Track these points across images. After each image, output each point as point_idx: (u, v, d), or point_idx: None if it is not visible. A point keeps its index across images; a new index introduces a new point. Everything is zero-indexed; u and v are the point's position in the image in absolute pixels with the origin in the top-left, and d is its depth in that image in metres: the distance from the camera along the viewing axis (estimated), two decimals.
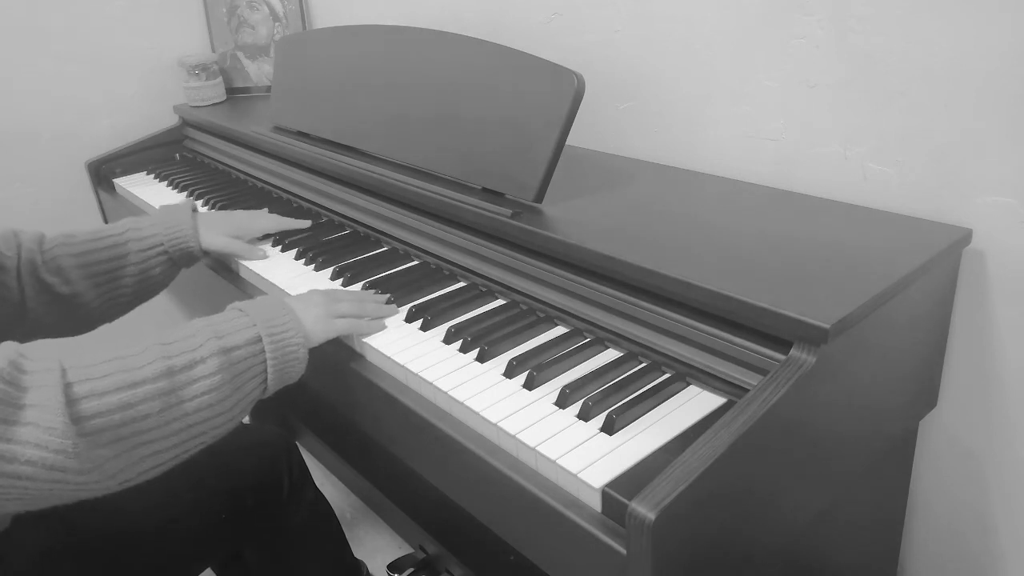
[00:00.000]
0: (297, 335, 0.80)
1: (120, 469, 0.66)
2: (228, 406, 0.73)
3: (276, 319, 0.80)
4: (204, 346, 0.73)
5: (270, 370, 0.78)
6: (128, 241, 1.04)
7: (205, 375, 0.71)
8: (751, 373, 0.74)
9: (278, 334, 0.79)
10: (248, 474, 1.03)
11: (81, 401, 0.64)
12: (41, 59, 1.66)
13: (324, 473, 1.76)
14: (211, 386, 0.71)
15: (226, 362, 0.73)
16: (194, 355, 0.72)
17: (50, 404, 0.62)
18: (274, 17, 1.81)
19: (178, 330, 0.74)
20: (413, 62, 1.16)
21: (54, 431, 0.61)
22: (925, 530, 1.08)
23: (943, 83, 0.87)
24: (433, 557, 1.38)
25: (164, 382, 0.69)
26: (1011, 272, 0.87)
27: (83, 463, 0.63)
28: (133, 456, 0.67)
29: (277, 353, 0.78)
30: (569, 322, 0.91)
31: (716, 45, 1.07)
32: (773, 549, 0.76)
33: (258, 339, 0.77)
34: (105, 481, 0.66)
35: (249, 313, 0.79)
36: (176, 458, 0.71)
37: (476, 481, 0.77)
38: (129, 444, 0.66)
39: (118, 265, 1.03)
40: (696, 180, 1.08)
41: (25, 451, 0.60)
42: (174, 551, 0.95)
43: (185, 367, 0.71)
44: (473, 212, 1.01)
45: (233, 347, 0.75)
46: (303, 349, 0.81)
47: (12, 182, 1.68)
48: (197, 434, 0.71)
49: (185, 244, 1.08)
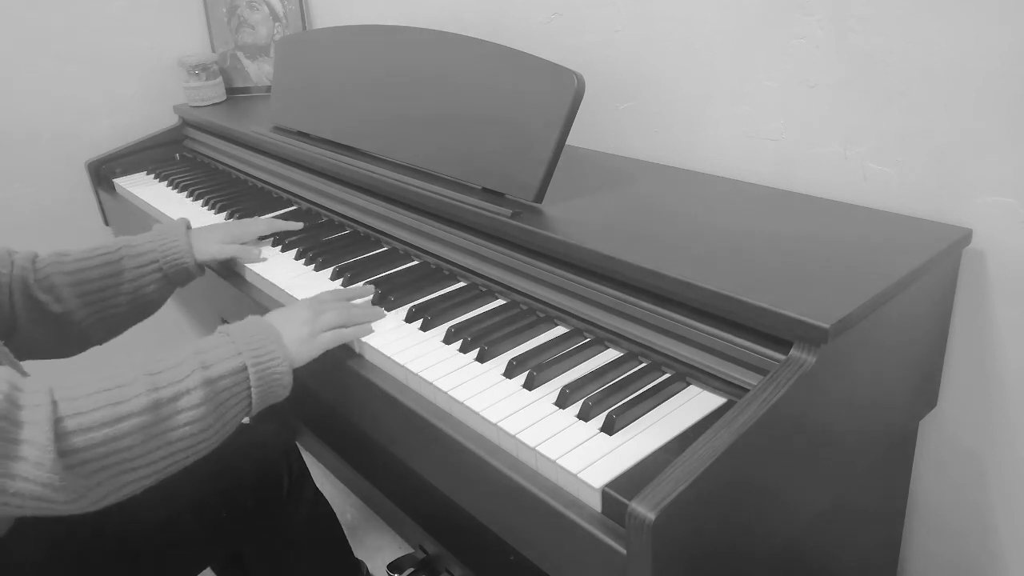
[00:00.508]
0: (282, 362, 0.82)
1: (104, 495, 0.70)
2: (211, 433, 0.76)
3: (261, 347, 0.81)
4: (190, 377, 0.75)
5: (254, 395, 0.80)
6: (122, 258, 1.04)
7: (190, 406, 0.74)
8: (751, 373, 0.74)
9: (263, 362, 0.81)
10: (247, 474, 1.03)
11: (70, 436, 0.67)
12: (41, 59, 1.66)
13: (324, 473, 1.76)
14: (195, 417, 0.74)
15: (211, 392, 0.76)
16: (180, 386, 0.74)
17: (41, 440, 0.65)
18: (274, 17, 1.81)
19: (166, 357, 0.76)
20: (413, 62, 1.16)
21: (43, 467, 0.64)
22: (925, 530, 1.08)
23: (943, 83, 0.87)
24: (433, 557, 1.38)
25: (149, 415, 0.71)
26: (1011, 272, 0.87)
27: (68, 494, 0.66)
28: (115, 483, 0.70)
29: (262, 381, 0.80)
30: (569, 322, 0.91)
31: (716, 45, 1.07)
32: (773, 549, 0.76)
33: (243, 368, 0.79)
34: (88, 505, 0.69)
35: (235, 339, 0.81)
36: (156, 478, 0.74)
37: (476, 481, 0.77)
38: (112, 472, 0.69)
39: (111, 283, 1.03)
40: (696, 180, 1.08)
41: (14, 484, 0.64)
42: (174, 551, 0.95)
43: (171, 399, 0.73)
44: (473, 212, 1.01)
45: (219, 376, 0.77)
46: (287, 375, 0.83)
47: (12, 182, 1.68)
48: (179, 459, 0.75)
49: (179, 259, 1.08)
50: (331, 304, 0.93)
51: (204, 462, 0.98)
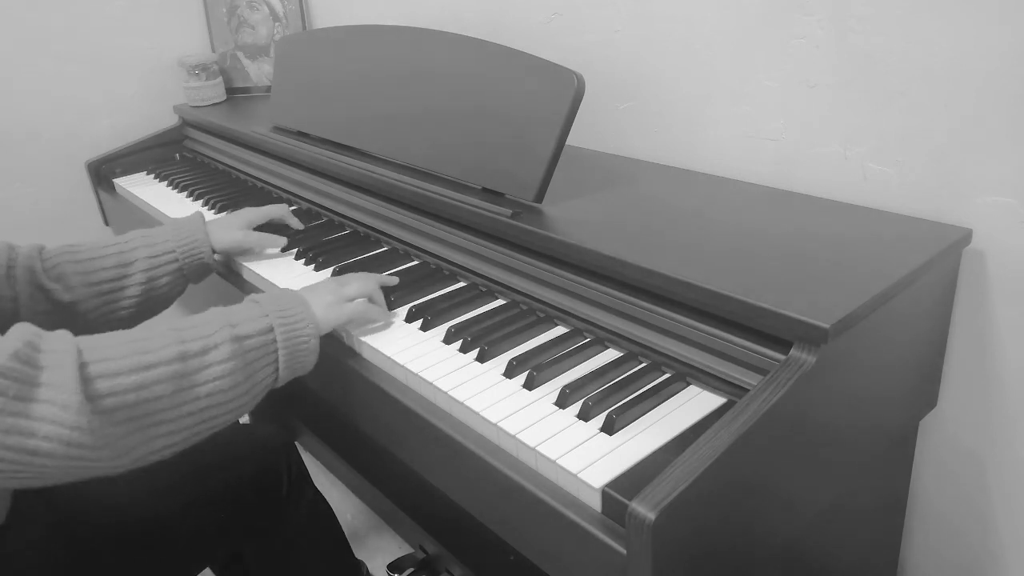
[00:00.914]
0: (308, 325, 0.82)
1: (132, 447, 0.69)
2: (240, 392, 0.75)
3: (288, 309, 0.82)
4: (217, 333, 0.75)
5: (282, 359, 0.80)
6: (136, 248, 1.03)
7: (218, 361, 0.74)
8: (751, 373, 0.74)
9: (290, 324, 0.81)
10: (247, 474, 1.03)
11: (96, 380, 0.66)
12: (41, 59, 1.66)
13: (324, 473, 1.76)
14: (224, 372, 0.74)
15: (239, 349, 0.75)
16: (207, 341, 0.74)
17: (65, 383, 0.64)
18: (274, 17, 1.81)
19: (192, 318, 0.77)
20: (413, 62, 1.16)
21: (69, 408, 0.63)
22: (925, 530, 1.08)
23: (943, 83, 0.87)
24: (433, 557, 1.39)
25: (178, 365, 0.71)
26: (1011, 272, 0.87)
27: (97, 440, 0.65)
28: (145, 435, 0.69)
29: (289, 343, 0.80)
30: (569, 322, 0.91)
31: (716, 45, 1.07)
32: (773, 549, 0.76)
33: (270, 329, 0.79)
34: (118, 459, 0.68)
35: (262, 303, 0.82)
36: (186, 440, 0.73)
37: (476, 481, 0.77)
38: (142, 424, 0.69)
39: (123, 273, 1.02)
40: (696, 180, 1.08)
41: (42, 427, 0.63)
42: (173, 551, 0.95)
43: (199, 352, 0.73)
44: (473, 212, 1.01)
45: (246, 335, 0.77)
46: (315, 339, 0.83)
47: (12, 182, 1.68)
48: (208, 418, 0.73)
49: (197, 251, 1.06)
50: (355, 277, 0.94)
51: (204, 462, 0.99)
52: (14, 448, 0.62)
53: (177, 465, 0.99)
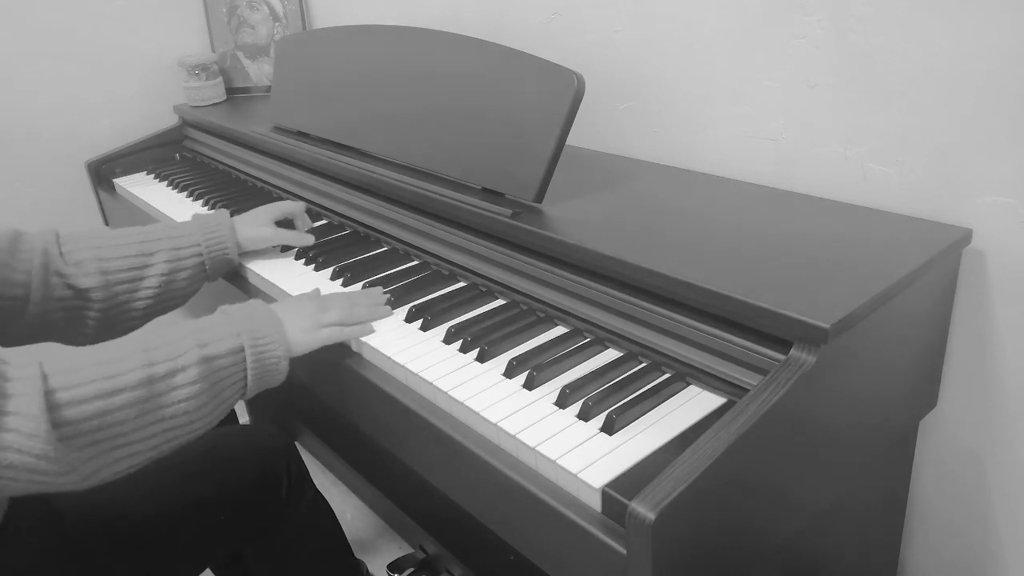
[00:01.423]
0: (279, 347, 0.82)
1: (95, 470, 0.69)
2: (205, 412, 0.76)
3: (261, 330, 0.81)
4: (187, 354, 0.75)
5: (250, 378, 0.80)
6: (160, 239, 1.01)
7: (185, 383, 0.74)
8: (751, 373, 0.74)
9: (261, 346, 0.81)
10: (247, 475, 1.02)
11: (62, 408, 0.66)
12: (41, 59, 1.66)
13: (324, 473, 1.76)
14: (190, 394, 0.74)
15: (207, 371, 0.75)
16: (176, 363, 0.74)
17: (31, 411, 0.64)
18: (274, 17, 1.81)
19: (163, 333, 0.76)
20: (413, 62, 1.16)
21: (36, 437, 0.63)
22: (925, 530, 1.08)
23: (943, 83, 0.87)
24: (433, 557, 1.39)
25: (143, 390, 0.71)
26: (1011, 272, 0.87)
27: (61, 466, 0.65)
28: (108, 458, 0.69)
29: (258, 364, 0.80)
30: (569, 322, 0.91)
31: (716, 45, 1.07)
32: (773, 548, 0.76)
33: (241, 349, 0.79)
34: (81, 481, 0.68)
35: (235, 320, 0.81)
36: (149, 458, 0.73)
37: (476, 481, 0.77)
38: (104, 447, 0.69)
39: (144, 263, 0.99)
40: (696, 180, 1.08)
41: (7, 455, 0.63)
42: (172, 552, 0.95)
43: (166, 375, 0.73)
44: (473, 212, 1.01)
45: (216, 356, 0.77)
46: (284, 361, 0.83)
47: (12, 182, 1.68)
48: (172, 437, 0.74)
49: (223, 246, 1.05)
50: (337, 301, 0.93)
51: (204, 463, 0.99)
52: None
53: (177, 466, 0.99)
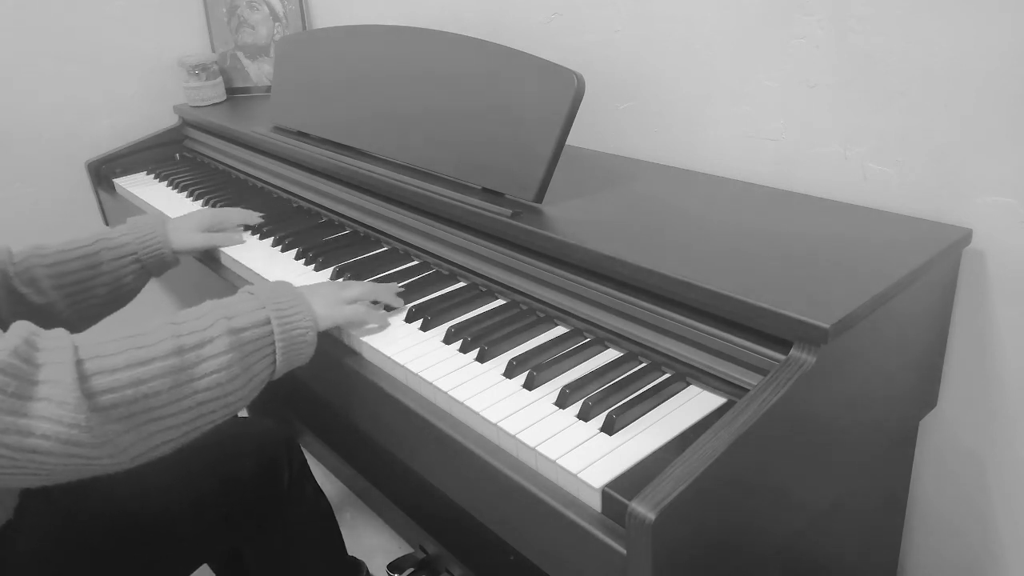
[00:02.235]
0: (305, 318, 0.82)
1: (131, 444, 0.68)
2: (238, 385, 0.75)
3: (285, 302, 0.82)
4: (214, 326, 0.75)
5: (279, 352, 0.80)
6: (100, 251, 1.05)
7: (215, 354, 0.73)
8: (751, 373, 0.74)
9: (287, 317, 0.81)
10: (248, 469, 1.03)
11: (93, 377, 0.66)
12: (41, 59, 1.66)
13: (324, 473, 1.76)
14: (221, 365, 0.73)
15: (236, 342, 0.75)
16: (204, 334, 0.74)
17: (63, 380, 0.64)
18: (274, 17, 1.81)
19: (188, 311, 0.76)
20: (413, 62, 1.16)
21: (67, 405, 0.63)
22: (925, 530, 1.08)
23: (943, 83, 0.87)
24: (433, 557, 1.39)
25: (175, 359, 0.71)
26: (1011, 272, 0.87)
27: (96, 437, 0.65)
28: (144, 432, 0.69)
29: (285, 335, 0.80)
30: (569, 322, 0.91)
31: (716, 45, 1.07)
32: (773, 549, 0.76)
33: (267, 321, 0.79)
34: (118, 456, 0.68)
35: (259, 296, 0.81)
36: (185, 435, 0.73)
37: (476, 481, 0.77)
38: (140, 420, 0.68)
39: (91, 275, 1.04)
40: (696, 180, 1.08)
41: (40, 425, 0.62)
42: (173, 546, 0.95)
43: (196, 346, 0.73)
44: (473, 212, 1.01)
45: (242, 328, 0.77)
46: (312, 332, 0.83)
47: (12, 182, 1.68)
48: (207, 412, 0.73)
49: (157, 250, 1.10)
50: (356, 283, 0.95)
51: (205, 457, 0.99)
52: (12, 447, 0.62)
53: (178, 460, 0.99)
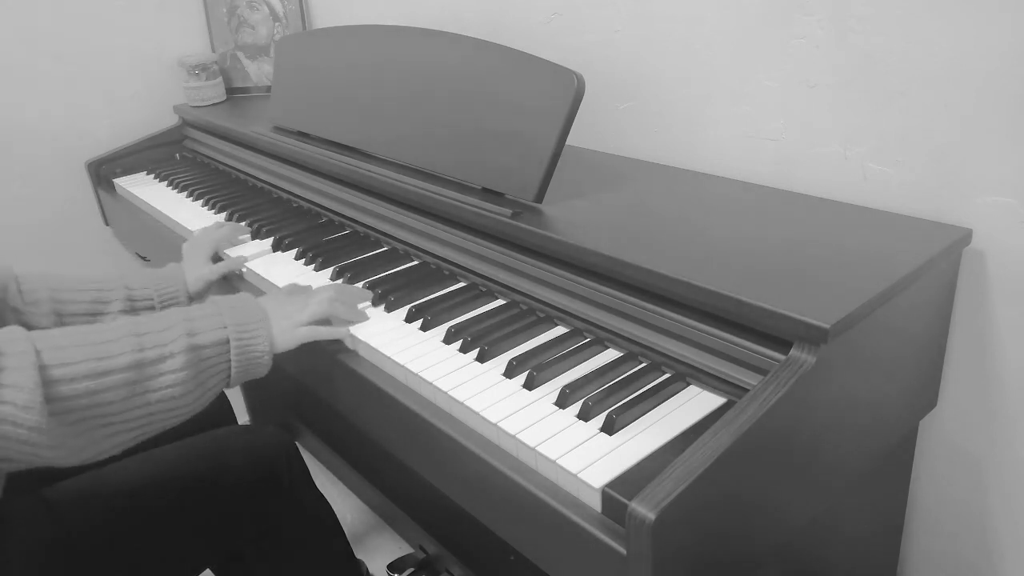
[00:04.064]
0: (264, 342, 0.86)
1: (81, 447, 0.71)
2: (190, 399, 0.79)
3: (248, 325, 0.85)
4: (176, 342, 0.78)
5: (234, 369, 0.84)
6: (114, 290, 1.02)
7: (172, 370, 0.77)
8: (751, 373, 0.74)
9: (246, 340, 0.84)
10: (247, 474, 1.03)
11: (54, 384, 0.69)
12: (41, 59, 1.66)
13: (324, 473, 1.76)
14: (176, 380, 0.77)
15: (194, 359, 0.79)
16: (164, 350, 0.77)
17: (26, 384, 0.66)
18: (274, 17, 1.81)
19: (152, 320, 0.79)
20: (413, 62, 1.16)
21: (30, 409, 0.66)
22: (924, 530, 1.08)
23: (943, 83, 0.87)
24: (433, 557, 1.39)
25: (133, 373, 0.74)
26: (1011, 272, 0.87)
27: (52, 439, 0.68)
28: (94, 435, 0.72)
29: (241, 357, 0.84)
30: (569, 322, 0.91)
31: (716, 45, 1.07)
32: (773, 549, 0.76)
33: (226, 341, 0.83)
34: (69, 457, 0.71)
35: (223, 313, 0.84)
36: (133, 439, 0.76)
37: (476, 481, 0.77)
38: (91, 425, 0.72)
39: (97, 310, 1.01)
40: (696, 180, 1.08)
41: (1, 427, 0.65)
42: (173, 551, 0.95)
43: (155, 360, 0.76)
44: (473, 212, 1.01)
45: (203, 345, 0.80)
46: (267, 356, 0.86)
47: (12, 182, 1.68)
48: (155, 420, 0.77)
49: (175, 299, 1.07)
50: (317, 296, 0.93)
51: (204, 462, 0.99)
52: None
53: (177, 465, 0.99)
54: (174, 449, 1.01)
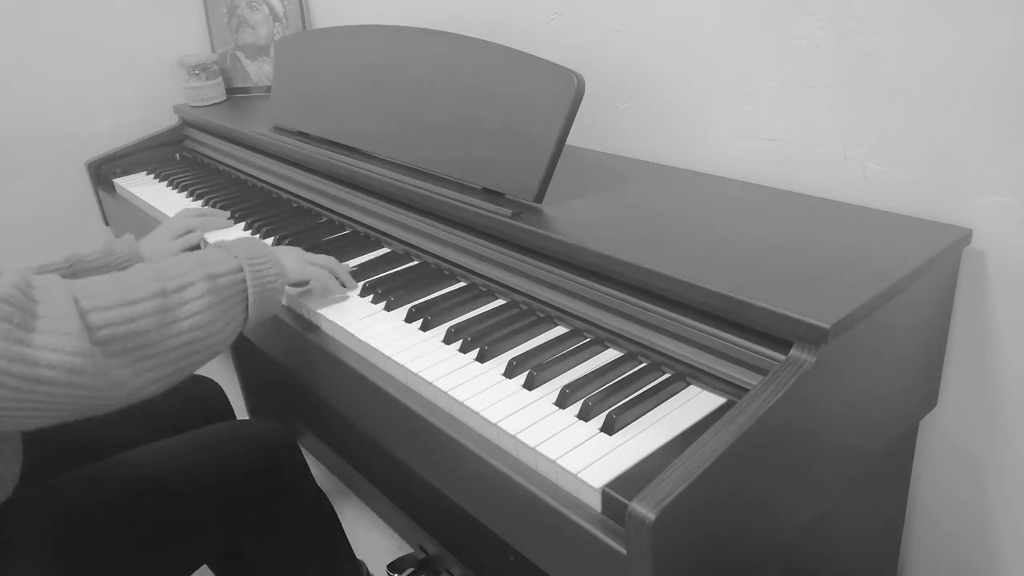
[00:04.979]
0: (274, 267, 0.89)
1: (127, 379, 0.72)
2: (218, 327, 0.81)
3: (255, 253, 0.88)
4: (192, 272, 0.80)
5: (251, 297, 0.86)
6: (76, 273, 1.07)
7: (195, 297, 0.79)
8: (751, 373, 0.74)
9: (258, 265, 0.87)
10: (246, 469, 1.03)
11: (89, 314, 0.70)
12: (41, 59, 1.66)
13: (324, 473, 1.76)
14: (201, 307, 0.79)
15: (213, 287, 0.81)
16: (183, 279, 0.80)
17: (64, 312, 0.68)
18: (274, 17, 1.81)
19: (165, 262, 0.82)
20: (413, 62, 1.16)
21: (70, 335, 0.67)
22: (925, 529, 1.08)
23: (943, 83, 0.87)
24: (433, 557, 1.39)
25: (159, 300, 0.76)
26: (1011, 272, 0.87)
27: (97, 367, 0.69)
28: (138, 367, 0.73)
29: (257, 282, 0.87)
30: (569, 322, 0.91)
31: (716, 45, 1.07)
32: (773, 549, 0.76)
33: (240, 269, 0.86)
34: (115, 390, 0.71)
35: (231, 248, 0.88)
36: (174, 374, 0.78)
37: (476, 481, 0.77)
38: (134, 356, 0.73)
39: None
40: (696, 180, 1.08)
41: (45, 355, 0.66)
42: (173, 542, 0.95)
43: (176, 289, 0.78)
44: (473, 212, 1.01)
45: (218, 274, 0.83)
46: (280, 280, 0.90)
47: (12, 182, 1.68)
48: (191, 352, 0.79)
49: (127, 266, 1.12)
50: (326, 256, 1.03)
51: (204, 456, 1.00)
52: (19, 376, 0.64)
53: (177, 457, 1.00)
54: (176, 442, 1.02)
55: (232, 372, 1.91)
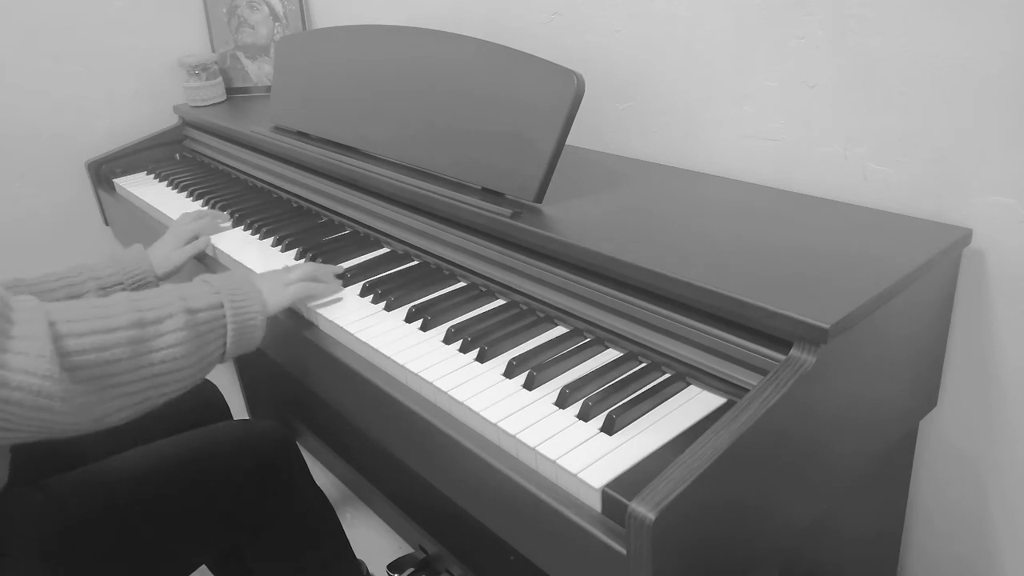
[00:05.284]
0: (255, 304, 0.89)
1: (91, 406, 0.72)
2: (191, 362, 0.81)
3: (238, 290, 0.88)
4: (172, 304, 0.80)
5: (230, 334, 0.86)
6: (85, 281, 1.07)
7: (171, 329, 0.79)
8: (751, 373, 0.74)
9: (239, 302, 0.87)
10: (246, 469, 1.03)
11: (64, 338, 0.70)
12: (41, 59, 1.66)
13: (324, 473, 1.76)
14: (177, 340, 0.79)
15: (191, 321, 0.81)
16: (162, 311, 0.79)
17: (38, 335, 0.68)
18: (274, 17, 1.81)
19: (147, 292, 0.82)
20: (413, 62, 1.16)
21: (43, 358, 0.67)
22: (924, 529, 1.08)
23: (943, 83, 0.87)
24: (433, 557, 1.39)
25: (135, 331, 0.76)
26: (1011, 272, 0.87)
27: (65, 392, 0.69)
28: (103, 396, 0.73)
29: (237, 318, 0.86)
30: (569, 322, 0.91)
31: (716, 45, 1.07)
32: (773, 548, 0.76)
33: (220, 305, 0.86)
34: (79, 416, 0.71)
35: (213, 283, 0.88)
36: (139, 405, 0.77)
37: (476, 481, 0.77)
38: (101, 384, 0.73)
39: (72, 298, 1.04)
40: (696, 180, 1.08)
41: (16, 376, 0.66)
42: (171, 542, 0.95)
43: (154, 321, 0.78)
44: (473, 212, 1.01)
45: (198, 309, 0.82)
46: (261, 317, 0.89)
47: (12, 182, 1.68)
48: (160, 384, 0.78)
49: (143, 279, 1.13)
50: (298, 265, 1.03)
51: (202, 455, 1.00)
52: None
53: (175, 455, 1.00)
54: (174, 442, 1.02)
55: (232, 372, 1.92)
